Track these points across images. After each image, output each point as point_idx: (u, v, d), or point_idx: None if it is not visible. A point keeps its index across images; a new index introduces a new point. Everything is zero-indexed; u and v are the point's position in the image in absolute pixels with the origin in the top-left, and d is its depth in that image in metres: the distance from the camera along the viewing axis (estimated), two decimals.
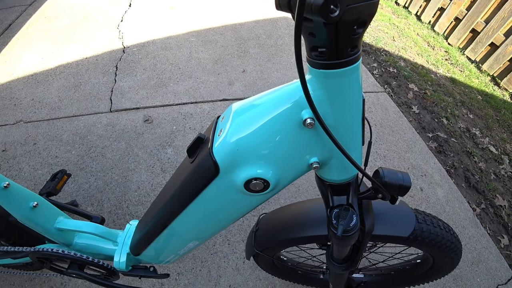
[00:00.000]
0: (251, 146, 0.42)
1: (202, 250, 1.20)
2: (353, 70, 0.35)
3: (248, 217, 1.29)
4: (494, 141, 1.97)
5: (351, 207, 0.48)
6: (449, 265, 0.73)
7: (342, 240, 0.47)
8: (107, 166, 1.44)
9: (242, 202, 0.49)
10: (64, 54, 2.08)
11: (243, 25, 2.46)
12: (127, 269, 0.76)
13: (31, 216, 0.71)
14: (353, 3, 0.28)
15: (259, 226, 0.77)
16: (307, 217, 0.66)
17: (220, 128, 0.45)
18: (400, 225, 0.61)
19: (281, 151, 0.42)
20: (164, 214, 0.57)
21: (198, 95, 1.78)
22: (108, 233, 0.77)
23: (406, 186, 0.46)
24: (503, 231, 1.53)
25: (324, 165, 0.45)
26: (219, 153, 0.43)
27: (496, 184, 1.72)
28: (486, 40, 2.30)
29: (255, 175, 0.43)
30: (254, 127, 0.41)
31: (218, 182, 0.46)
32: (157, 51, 2.10)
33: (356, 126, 0.41)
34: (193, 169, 0.48)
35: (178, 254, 0.69)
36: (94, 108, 1.70)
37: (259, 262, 0.93)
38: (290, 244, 0.69)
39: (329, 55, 0.33)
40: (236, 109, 0.45)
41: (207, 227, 0.57)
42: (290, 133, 0.41)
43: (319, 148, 0.42)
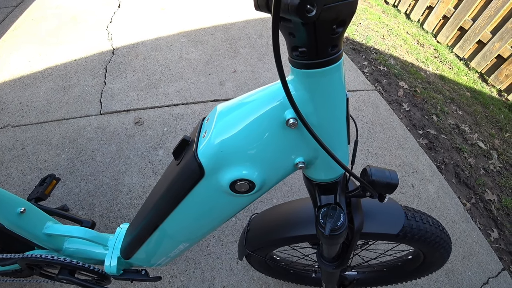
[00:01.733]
0: (235, 147, 0.41)
1: (195, 252, 1.19)
2: (335, 69, 0.35)
3: (241, 217, 1.29)
4: (483, 136, 2.01)
5: (339, 206, 0.48)
6: (439, 261, 0.74)
7: (330, 239, 0.48)
8: (97, 169, 1.42)
9: (229, 203, 0.49)
10: (52, 56, 2.05)
11: (233, 25, 2.45)
12: (118, 273, 0.75)
13: (18, 222, 0.69)
14: (330, 3, 0.28)
15: (250, 227, 0.77)
16: (298, 216, 0.66)
17: (205, 129, 0.45)
18: (389, 222, 0.61)
19: (265, 152, 0.42)
20: (153, 216, 0.56)
21: (189, 96, 1.77)
22: (98, 237, 0.76)
23: (393, 184, 0.46)
24: (493, 225, 1.56)
25: (310, 165, 0.45)
26: (203, 155, 0.43)
27: (486, 179, 1.75)
28: (474, 38, 2.34)
29: (240, 176, 0.42)
30: (238, 128, 0.41)
31: (204, 184, 0.46)
32: (147, 52, 2.08)
33: (341, 125, 0.41)
34: (179, 171, 0.47)
35: (169, 257, 0.68)
36: (83, 111, 1.68)
37: (252, 262, 0.93)
38: (282, 244, 0.70)
39: (310, 54, 0.33)
40: (220, 110, 0.44)
41: (196, 228, 0.56)
42: (274, 133, 0.40)
43: (304, 148, 0.42)
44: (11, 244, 0.85)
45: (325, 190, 0.49)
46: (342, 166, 0.40)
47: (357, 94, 2.02)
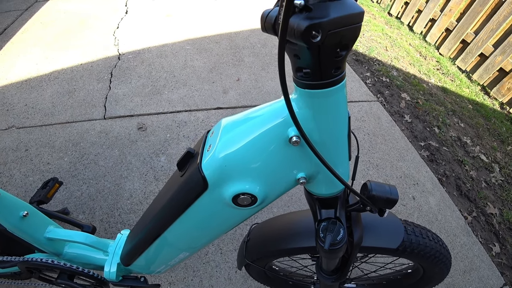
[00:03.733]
0: (239, 162, 0.42)
1: (194, 259, 1.19)
2: (338, 90, 0.36)
3: (241, 227, 1.29)
4: (485, 149, 2.01)
5: (339, 221, 0.48)
6: (439, 275, 0.74)
7: (329, 253, 0.48)
8: (99, 173, 1.43)
9: (231, 215, 0.50)
10: (59, 60, 2.08)
11: (238, 34, 2.48)
12: (117, 280, 0.75)
13: (21, 226, 0.70)
14: (334, 29, 0.29)
15: (250, 237, 0.77)
16: (299, 228, 0.66)
17: (209, 143, 0.46)
18: (389, 236, 0.61)
19: (268, 167, 0.43)
20: (155, 225, 0.57)
21: (192, 103, 1.79)
22: (98, 243, 0.76)
23: (393, 199, 0.46)
24: (494, 239, 1.55)
25: (312, 180, 0.46)
26: (207, 168, 0.44)
27: (487, 192, 1.74)
28: (476, 51, 2.35)
29: (243, 190, 0.43)
30: (242, 143, 0.42)
31: (207, 197, 0.46)
32: (153, 59, 2.11)
33: (342, 142, 0.42)
34: (182, 183, 0.48)
35: (169, 265, 0.68)
36: (87, 115, 1.70)
37: (250, 272, 0.93)
38: (281, 255, 0.70)
39: (314, 76, 0.34)
40: (225, 124, 0.45)
41: (197, 238, 0.57)
42: (277, 149, 0.41)
43: (306, 163, 0.43)
44: (11, 247, 0.85)
45: (326, 204, 0.49)
46: (342, 183, 0.41)
47: (359, 105, 2.03)
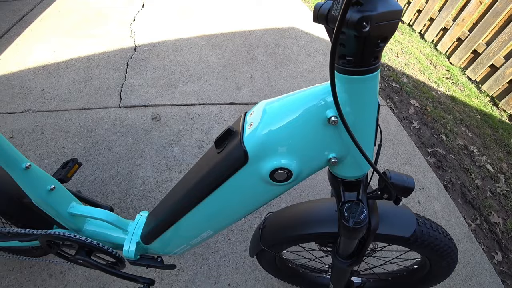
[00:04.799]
0: (280, 138, 0.46)
1: (203, 248, 1.21)
2: (373, 78, 0.41)
3: (250, 218, 1.31)
4: (491, 159, 2.02)
5: (361, 202, 0.52)
6: (445, 270, 0.76)
7: (352, 232, 0.51)
8: (113, 159, 1.46)
9: (264, 191, 0.53)
10: (76, 48, 2.12)
11: (252, 33, 2.52)
12: (135, 258, 0.77)
13: (47, 199, 0.72)
14: (380, 21, 0.34)
15: (266, 224, 0.79)
16: (314, 215, 0.69)
17: (250, 122, 0.50)
18: (402, 226, 0.64)
19: (305, 145, 0.46)
20: (184, 202, 0.60)
21: (206, 97, 1.82)
22: (119, 221, 0.78)
23: (410, 187, 0.50)
24: (497, 247, 1.56)
25: (340, 162, 0.49)
26: (249, 143, 0.47)
27: (492, 201, 1.76)
28: (487, 62, 2.37)
29: (281, 165, 0.47)
30: (284, 122, 0.46)
31: (245, 171, 0.50)
32: (168, 52, 2.15)
33: (371, 127, 0.46)
34: (221, 158, 0.51)
35: (189, 244, 0.71)
36: (103, 103, 1.73)
37: (261, 261, 0.95)
38: (297, 241, 0.72)
39: (355, 63, 0.38)
40: (266, 105, 0.49)
41: (225, 215, 0.59)
42: (315, 129, 0.45)
43: (338, 145, 0.47)
44: (32, 221, 0.87)
45: (349, 187, 0.53)
46: (369, 162, 0.45)
47: None
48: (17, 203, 0.82)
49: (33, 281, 1.14)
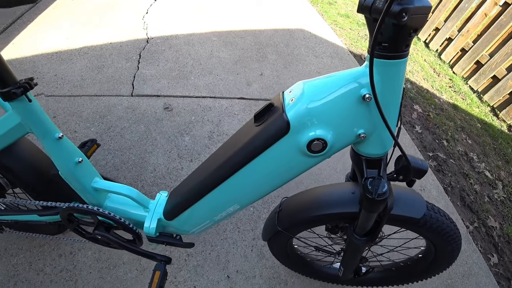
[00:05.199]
0: (319, 112, 0.52)
1: (212, 235, 1.24)
2: (403, 63, 0.47)
3: (259, 209, 1.35)
4: (490, 167, 2.08)
5: (382, 178, 0.57)
6: (449, 256, 0.80)
7: (374, 204, 0.56)
8: (125, 146, 1.49)
9: (298, 162, 0.58)
10: (89, 36, 2.15)
11: (262, 32, 2.56)
12: (155, 235, 0.80)
13: (74, 171, 0.73)
14: (415, 14, 0.40)
15: (282, 207, 0.83)
16: (331, 196, 0.72)
17: (291, 97, 0.55)
18: (413, 208, 0.69)
19: (340, 119, 0.52)
20: (214, 176, 0.63)
21: (217, 91, 1.86)
22: (140, 198, 0.80)
23: (424, 169, 0.57)
24: (493, 250, 1.61)
25: (366, 139, 0.55)
26: (292, 115, 0.53)
27: (489, 206, 1.81)
28: (489, 73, 2.44)
29: (318, 135, 0.52)
30: (323, 97, 0.51)
31: (285, 141, 0.54)
32: (180, 46, 2.18)
33: (396, 108, 0.52)
34: (261, 130, 0.56)
35: (212, 221, 0.74)
36: (115, 91, 1.76)
37: (272, 246, 0.98)
38: (314, 223, 0.75)
39: (390, 49, 0.45)
40: (305, 83, 0.55)
41: (256, 188, 0.63)
42: (350, 105, 0.51)
43: (367, 121, 0.53)
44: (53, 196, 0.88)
45: (372, 164, 0.58)
46: (393, 137, 0.51)
47: None
48: (43, 176, 0.84)
49: (42, 260, 1.15)
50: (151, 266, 1.14)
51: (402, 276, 1.00)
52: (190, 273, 1.14)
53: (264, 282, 1.15)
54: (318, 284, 1.17)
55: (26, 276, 1.11)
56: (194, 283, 1.12)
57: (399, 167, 0.60)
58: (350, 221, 0.71)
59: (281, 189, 1.45)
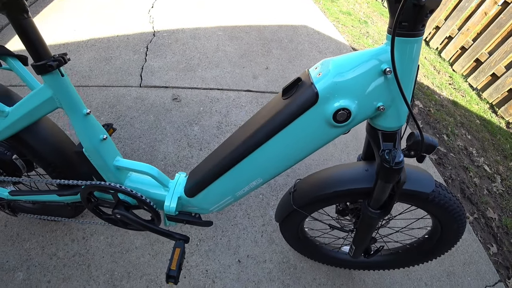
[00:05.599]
0: (345, 84, 0.56)
1: (223, 221, 1.27)
2: (419, 41, 0.52)
3: (267, 196, 1.38)
4: (489, 161, 2.13)
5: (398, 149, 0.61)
6: (455, 235, 0.84)
7: (391, 173, 0.60)
8: (135, 134, 1.51)
9: (323, 133, 0.62)
10: (95, 29, 2.16)
11: (266, 28, 2.59)
12: (175, 214, 0.82)
13: (98, 148, 0.74)
14: None
15: (296, 187, 0.86)
16: (345, 174, 0.76)
17: (318, 72, 0.59)
18: (423, 183, 0.73)
19: (363, 91, 0.57)
20: (238, 150, 0.66)
21: (224, 83, 1.89)
22: (161, 176, 0.82)
23: (434, 145, 0.63)
24: (492, 240, 1.66)
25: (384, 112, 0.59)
26: (320, 86, 0.57)
27: (488, 198, 1.86)
28: (488, 70, 2.49)
29: (344, 105, 0.57)
30: (349, 71, 0.56)
31: (313, 111, 0.59)
32: (186, 39, 2.20)
33: (411, 83, 0.57)
34: (290, 101, 0.60)
35: (234, 196, 0.76)
36: (124, 82, 1.78)
37: (283, 229, 1.01)
38: (329, 200, 0.79)
39: (408, 28, 0.50)
40: (331, 59, 0.59)
41: (280, 160, 0.66)
42: (372, 78, 0.56)
43: (386, 95, 0.57)
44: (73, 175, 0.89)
45: (387, 138, 0.63)
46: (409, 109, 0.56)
47: None
48: (65, 155, 0.86)
49: (55, 245, 1.17)
50: (163, 251, 1.17)
51: (408, 258, 1.03)
52: (202, 257, 1.17)
53: (274, 267, 1.18)
54: (326, 268, 1.20)
55: (39, 260, 1.12)
56: (206, 267, 1.14)
57: (411, 142, 0.64)
58: (364, 196, 0.74)
59: (288, 177, 1.48)
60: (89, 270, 1.11)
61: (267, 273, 1.16)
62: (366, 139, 0.77)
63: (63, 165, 0.86)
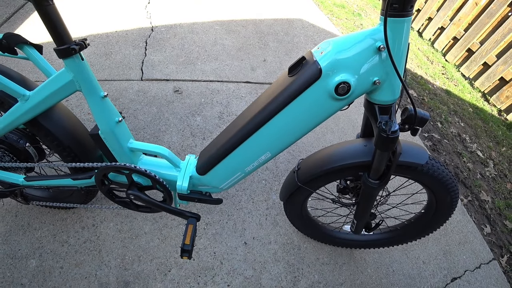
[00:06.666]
0: (345, 60, 0.62)
1: (228, 206, 1.31)
2: (408, 21, 0.58)
3: (270, 181, 1.42)
4: (481, 147, 2.20)
5: (393, 121, 0.67)
6: (449, 207, 0.89)
7: (388, 141, 0.65)
8: (139, 126, 1.54)
9: (326, 106, 0.67)
10: (93, 25, 2.18)
11: (262, 21, 2.63)
12: (187, 192, 0.86)
13: (114, 130, 0.78)
14: None
15: (300, 166, 0.91)
16: (346, 150, 0.81)
17: (321, 51, 0.65)
18: (418, 155, 0.78)
19: (361, 66, 0.63)
20: (248, 127, 0.70)
21: (224, 75, 1.92)
22: (173, 157, 0.85)
23: (426, 118, 0.69)
24: (486, 221, 1.73)
25: (380, 86, 0.65)
26: (323, 62, 0.63)
27: (482, 182, 1.93)
28: (480, 60, 2.56)
29: (345, 79, 0.62)
30: (348, 48, 0.62)
31: (317, 85, 0.64)
32: (184, 34, 2.23)
33: (403, 59, 0.63)
34: (295, 78, 0.65)
35: (244, 172, 0.80)
36: (125, 76, 1.81)
37: (288, 208, 1.06)
38: (332, 175, 0.83)
39: (399, 9, 0.56)
40: (331, 39, 0.65)
41: (287, 134, 0.71)
42: (368, 55, 0.62)
43: (381, 69, 0.63)
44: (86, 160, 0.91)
45: (383, 111, 0.69)
46: (402, 82, 0.62)
47: None
48: (80, 139, 0.89)
49: (66, 233, 1.20)
50: (172, 235, 1.21)
51: (407, 234, 1.09)
52: (210, 240, 1.21)
53: (279, 248, 1.23)
54: (329, 248, 1.26)
55: (51, 248, 1.16)
56: (214, 250, 1.19)
57: (404, 117, 0.71)
58: (364, 169, 0.80)
59: (289, 163, 1.53)
60: (100, 255, 1.15)
61: (273, 254, 1.20)
62: (364, 119, 0.82)
63: (77, 149, 0.88)
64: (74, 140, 0.87)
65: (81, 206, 1.11)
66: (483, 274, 1.39)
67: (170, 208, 0.90)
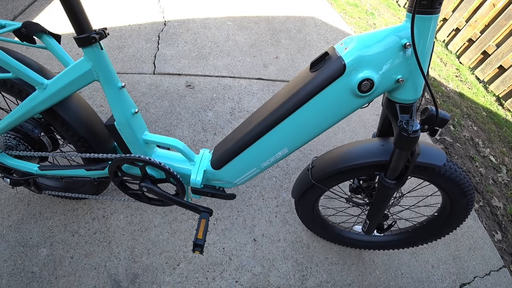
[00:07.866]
0: (369, 56, 0.61)
1: (238, 202, 1.31)
2: (435, 18, 0.57)
3: (280, 179, 1.42)
4: (494, 152, 2.16)
5: (414, 120, 0.66)
6: (464, 210, 0.87)
7: (409, 141, 0.64)
8: (150, 119, 1.55)
9: (348, 102, 0.66)
10: (106, 18, 2.19)
11: (275, 18, 2.61)
12: (200, 187, 0.86)
13: (130, 121, 0.77)
14: None
15: (314, 164, 0.90)
16: (362, 149, 0.80)
17: (345, 46, 0.64)
18: (436, 157, 0.76)
19: (385, 63, 0.61)
20: (266, 121, 0.70)
21: (236, 71, 1.92)
22: (187, 151, 0.84)
23: (446, 119, 0.67)
24: (497, 227, 1.70)
25: (403, 84, 0.64)
26: (347, 58, 0.62)
27: (494, 188, 1.90)
28: (496, 63, 2.51)
29: (368, 76, 0.61)
30: (373, 44, 0.61)
31: (340, 81, 0.63)
32: (197, 29, 2.23)
33: (427, 57, 0.61)
34: (318, 73, 0.64)
35: (259, 168, 0.80)
36: (138, 69, 1.81)
37: (299, 206, 1.05)
38: (347, 174, 0.82)
39: (427, 6, 0.55)
40: (355, 36, 0.64)
41: (306, 130, 0.70)
42: (393, 52, 0.61)
43: (405, 68, 0.62)
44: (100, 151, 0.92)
45: (404, 110, 0.67)
46: (425, 80, 0.60)
47: None
48: (95, 129, 0.89)
49: (76, 223, 1.21)
50: (181, 229, 1.21)
51: (418, 237, 1.07)
52: (219, 236, 1.21)
53: (288, 246, 1.22)
54: (338, 248, 1.25)
55: (61, 237, 1.17)
56: (223, 245, 1.19)
57: (424, 117, 0.69)
58: (380, 169, 0.78)
59: (299, 161, 1.52)
60: (110, 247, 1.16)
61: (281, 252, 1.20)
62: (381, 118, 0.81)
63: (92, 139, 0.89)
64: (89, 130, 0.87)
65: (92, 197, 1.13)
66: (493, 281, 1.37)
67: (183, 202, 0.90)
